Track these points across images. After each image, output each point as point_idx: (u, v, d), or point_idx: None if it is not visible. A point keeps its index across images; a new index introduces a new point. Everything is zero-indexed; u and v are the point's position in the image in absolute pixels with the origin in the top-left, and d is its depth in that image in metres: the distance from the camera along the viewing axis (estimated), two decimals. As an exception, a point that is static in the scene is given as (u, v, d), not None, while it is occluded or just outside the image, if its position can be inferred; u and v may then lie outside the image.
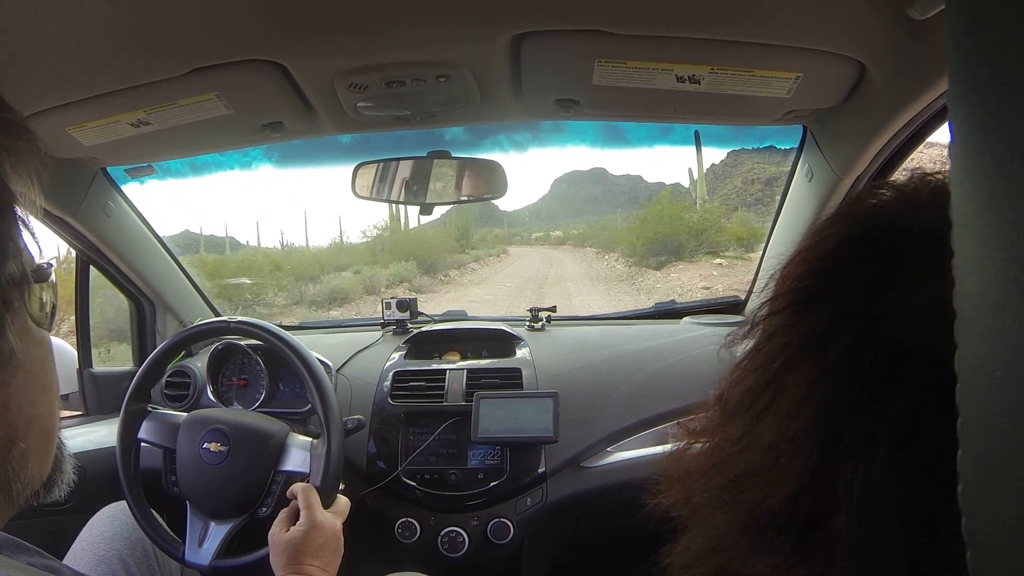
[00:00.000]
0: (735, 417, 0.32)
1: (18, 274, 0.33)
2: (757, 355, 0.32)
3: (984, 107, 0.16)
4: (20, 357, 0.34)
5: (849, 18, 0.75)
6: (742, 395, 0.32)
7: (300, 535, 0.86)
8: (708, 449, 0.34)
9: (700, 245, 12.60)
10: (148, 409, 1.08)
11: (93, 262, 1.33)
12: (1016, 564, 0.15)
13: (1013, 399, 0.15)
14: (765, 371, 0.31)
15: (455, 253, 16.24)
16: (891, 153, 0.97)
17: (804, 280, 0.31)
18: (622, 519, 1.33)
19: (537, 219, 28.84)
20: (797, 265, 0.32)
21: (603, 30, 0.76)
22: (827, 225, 0.32)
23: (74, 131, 0.96)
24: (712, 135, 1.29)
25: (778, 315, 0.32)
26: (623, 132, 1.35)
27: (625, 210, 21.24)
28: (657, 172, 60.37)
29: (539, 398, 1.16)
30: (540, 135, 1.34)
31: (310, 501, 0.90)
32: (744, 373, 0.33)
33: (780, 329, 0.31)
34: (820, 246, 0.32)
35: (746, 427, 0.31)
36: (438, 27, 0.77)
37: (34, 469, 0.36)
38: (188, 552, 0.98)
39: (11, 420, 0.34)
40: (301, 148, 1.23)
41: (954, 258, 0.17)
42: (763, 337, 0.32)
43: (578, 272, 14.10)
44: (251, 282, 10.37)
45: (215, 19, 0.72)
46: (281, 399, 1.31)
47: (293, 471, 1.01)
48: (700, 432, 0.36)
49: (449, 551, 1.15)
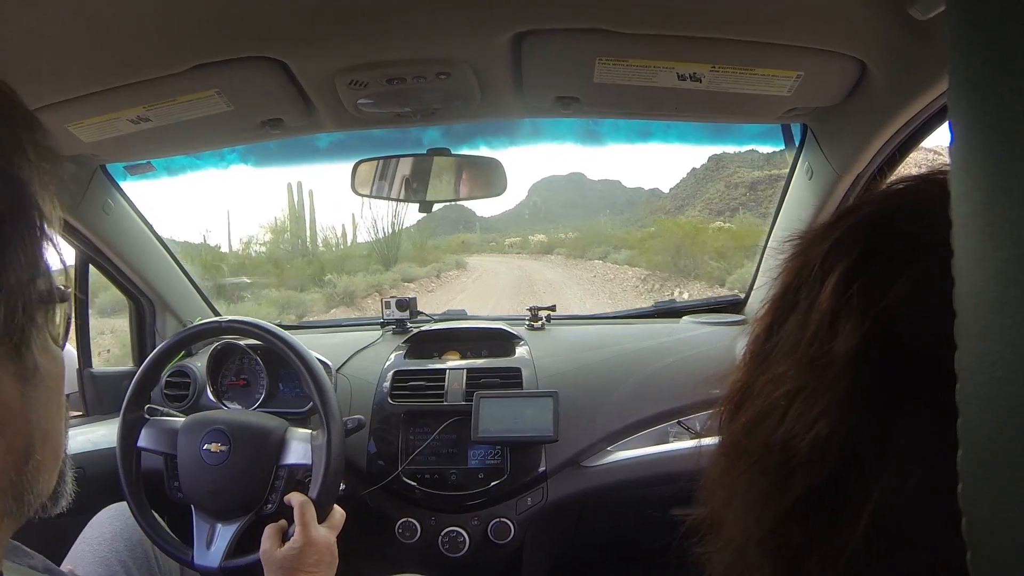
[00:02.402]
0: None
1: (46, 293, 0.34)
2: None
3: (984, 107, 0.16)
4: (42, 372, 0.35)
5: (850, 17, 0.74)
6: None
7: (295, 553, 0.86)
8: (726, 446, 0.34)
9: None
10: (146, 416, 1.08)
11: (92, 261, 1.33)
12: (1016, 564, 0.16)
13: (1013, 399, 0.15)
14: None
15: (375, 273, 11.66)
16: (891, 152, 0.97)
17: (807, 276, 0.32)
18: (623, 518, 1.34)
19: (515, 224, 27.30)
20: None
21: (604, 28, 0.76)
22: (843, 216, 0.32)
23: (73, 128, 0.96)
24: (692, 135, 1.29)
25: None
26: (599, 133, 1.34)
27: (606, 215, 19.28)
28: (635, 177, 60.10)
29: (539, 397, 1.16)
30: (517, 138, 1.33)
31: (306, 518, 0.90)
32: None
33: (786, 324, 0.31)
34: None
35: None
36: (439, 25, 0.77)
37: (45, 482, 0.37)
38: (197, 556, 0.98)
39: (30, 433, 0.35)
40: (291, 146, 1.23)
41: (954, 258, 0.17)
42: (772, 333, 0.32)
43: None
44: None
45: (216, 16, 0.72)
46: (281, 399, 1.31)
47: (296, 464, 1.01)
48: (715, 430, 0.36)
49: (450, 551, 1.15)
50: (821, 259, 0.30)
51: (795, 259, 0.33)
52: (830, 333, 0.28)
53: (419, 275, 12.72)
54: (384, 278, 11.47)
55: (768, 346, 0.32)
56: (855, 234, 0.30)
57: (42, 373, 0.35)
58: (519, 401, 1.17)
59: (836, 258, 0.30)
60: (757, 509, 0.30)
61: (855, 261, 0.29)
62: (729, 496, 0.33)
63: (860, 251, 0.29)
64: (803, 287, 0.31)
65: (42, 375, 0.35)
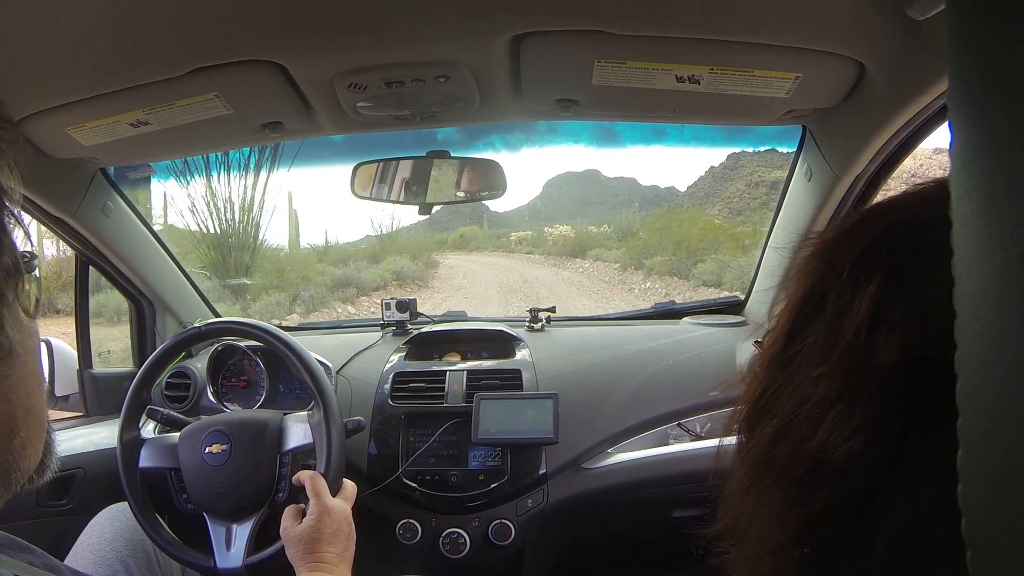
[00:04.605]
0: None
1: (12, 266, 0.33)
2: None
3: (984, 107, 0.16)
4: (18, 350, 0.34)
5: (849, 18, 0.75)
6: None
7: (313, 523, 0.87)
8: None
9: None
10: (142, 438, 1.07)
11: (92, 262, 1.33)
12: (1016, 564, 0.15)
13: (1013, 399, 0.15)
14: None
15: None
16: (890, 153, 0.97)
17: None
18: (623, 520, 1.34)
19: (525, 219, 26.04)
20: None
21: (603, 30, 0.76)
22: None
23: (73, 131, 0.96)
24: (707, 136, 1.29)
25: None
26: (616, 134, 1.34)
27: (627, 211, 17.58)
28: (651, 175, 59.51)
29: (539, 399, 1.16)
30: (533, 136, 1.33)
31: (318, 488, 0.90)
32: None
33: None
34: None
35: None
36: (438, 27, 0.77)
37: (31, 458, 0.37)
38: (219, 560, 0.97)
39: (12, 412, 0.34)
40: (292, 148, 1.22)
41: (954, 258, 0.17)
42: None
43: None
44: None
45: (215, 19, 0.72)
46: (281, 400, 1.31)
47: (298, 446, 1.01)
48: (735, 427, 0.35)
49: (451, 553, 1.15)
50: (852, 264, 0.29)
51: (816, 260, 0.32)
52: (868, 343, 0.27)
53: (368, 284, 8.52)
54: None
55: (790, 352, 0.31)
56: (893, 241, 0.29)
57: (18, 350, 0.34)
58: (519, 403, 1.17)
59: (873, 264, 0.28)
60: (782, 518, 0.30)
61: (897, 269, 0.27)
62: (756, 506, 0.32)
63: (902, 260, 0.28)
64: (830, 291, 0.30)
65: (18, 352, 0.34)
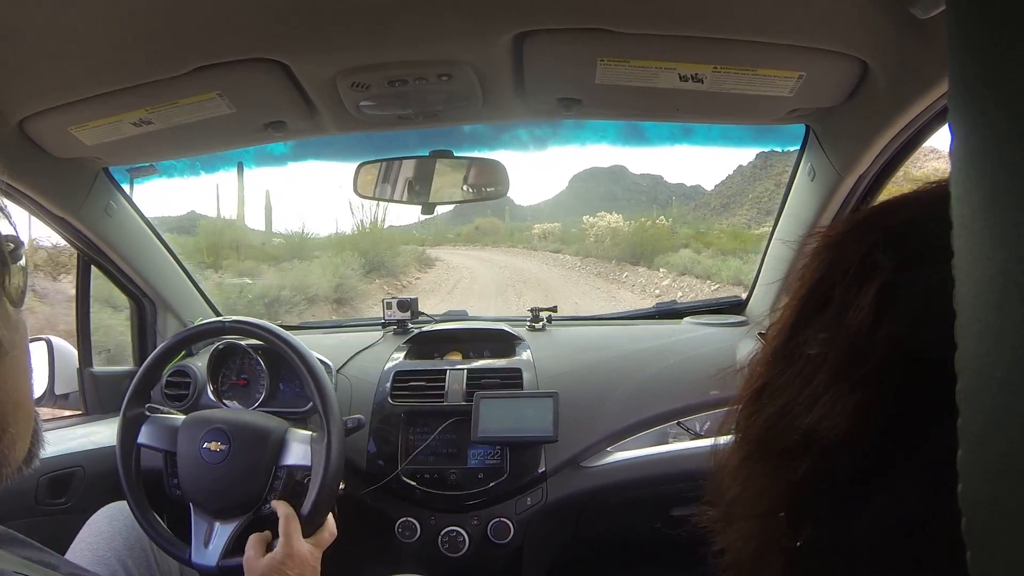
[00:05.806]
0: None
1: None
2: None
3: (984, 107, 0.16)
4: (5, 346, 0.34)
5: (852, 17, 0.74)
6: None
7: (276, 564, 0.86)
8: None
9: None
10: (146, 413, 1.08)
11: (94, 262, 1.33)
12: (1016, 564, 0.15)
13: (1013, 399, 0.15)
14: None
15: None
16: (894, 152, 0.97)
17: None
18: (622, 518, 1.34)
19: (547, 214, 25.37)
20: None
21: (606, 29, 0.76)
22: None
23: (76, 131, 0.96)
24: (735, 135, 1.28)
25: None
26: (643, 131, 1.33)
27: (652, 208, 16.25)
28: (678, 173, 58.83)
29: (539, 398, 1.16)
30: (560, 131, 1.32)
31: (289, 529, 0.90)
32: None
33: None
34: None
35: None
36: (440, 26, 0.77)
37: (19, 451, 0.37)
38: (194, 554, 0.98)
39: (2, 409, 0.34)
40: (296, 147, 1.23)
41: (954, 258, 0.17)
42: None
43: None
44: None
45: (217, 18, 0.72)
46: (281, 399, 1.31)
47: (295, 464, 1.01)
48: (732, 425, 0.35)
49: (449, 551, 1.15)
50: (860, 259, 0.29)
51: (823, 254, 0.32)
52: (870, 336, 0.27)
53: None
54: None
55: (792, 345, 0.31)
56: (901, 238, 0.29)
57: (5, 346, 0.34)
58: (519, 401, 1.17)
59: (879, 260, 0.29)
60: (769, 490, 0.30)
61: (903, 266, 0.28)
62: (742, 487, 0.32)
63: (909, 257, 0.28)
64: (837, 285, 0.30)
65: (6, 348, 0.34)
